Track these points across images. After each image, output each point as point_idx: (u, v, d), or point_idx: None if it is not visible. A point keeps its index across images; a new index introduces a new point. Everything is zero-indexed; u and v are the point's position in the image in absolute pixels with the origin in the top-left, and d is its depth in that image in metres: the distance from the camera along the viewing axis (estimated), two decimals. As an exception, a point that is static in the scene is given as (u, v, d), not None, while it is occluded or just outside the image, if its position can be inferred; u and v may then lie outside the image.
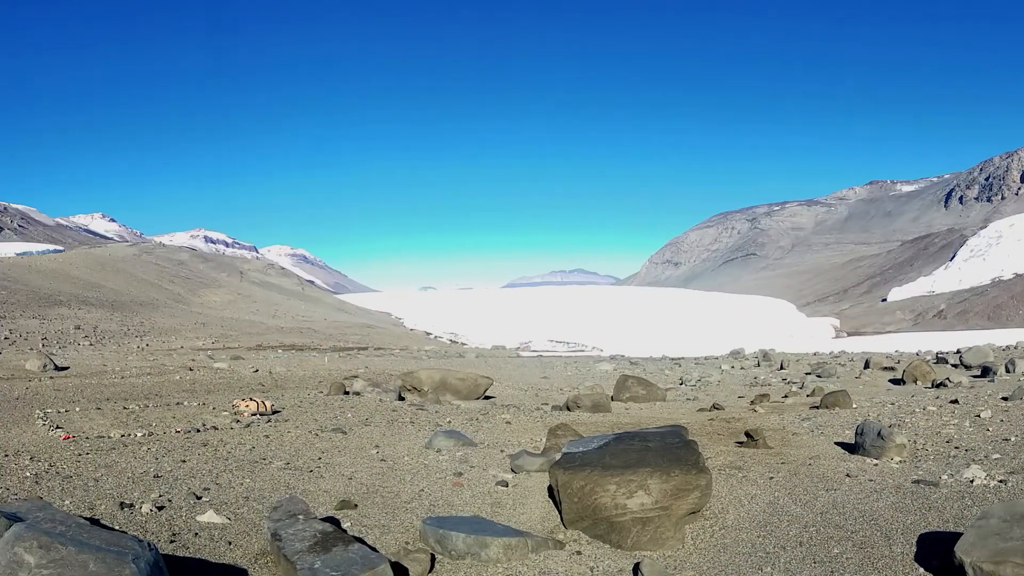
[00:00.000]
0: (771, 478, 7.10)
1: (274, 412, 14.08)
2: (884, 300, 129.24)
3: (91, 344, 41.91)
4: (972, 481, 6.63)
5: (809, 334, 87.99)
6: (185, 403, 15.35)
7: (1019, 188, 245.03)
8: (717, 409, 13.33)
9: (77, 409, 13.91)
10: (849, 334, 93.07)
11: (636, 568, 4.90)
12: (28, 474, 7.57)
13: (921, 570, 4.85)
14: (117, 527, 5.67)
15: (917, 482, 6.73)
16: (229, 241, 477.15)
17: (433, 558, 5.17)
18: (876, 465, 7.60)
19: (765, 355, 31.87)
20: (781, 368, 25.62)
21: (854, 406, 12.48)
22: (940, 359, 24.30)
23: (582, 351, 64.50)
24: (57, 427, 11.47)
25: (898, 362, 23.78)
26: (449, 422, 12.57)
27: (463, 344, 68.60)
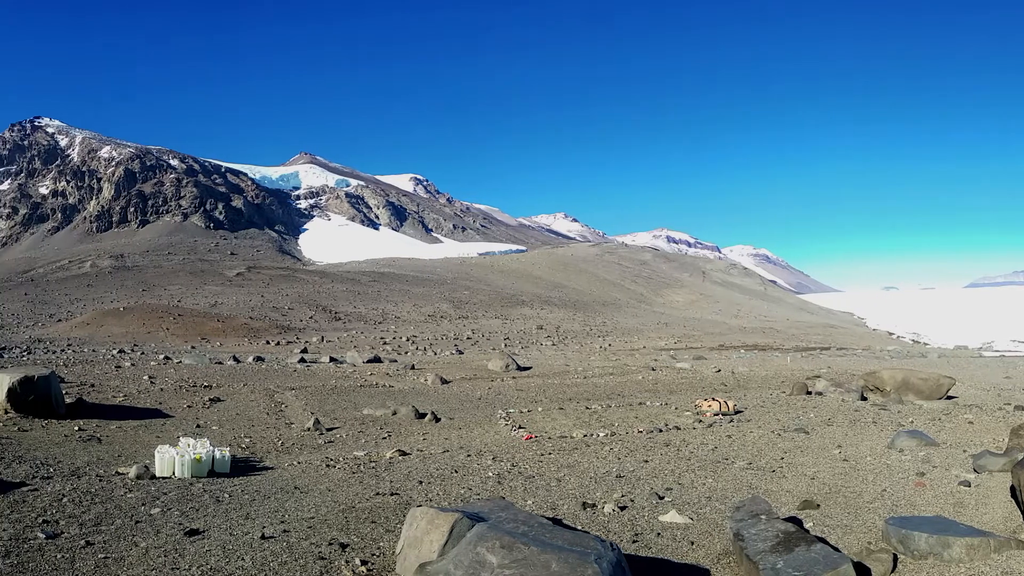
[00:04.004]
0: None
1: (736, 412, 14.51)
2: None
3: (553, 344, 46.43)
4: None
5: None
6: (647, 403, 16.36)
7: None
8: None
9: (539, 409, 15.59)
10: None
11: (1098, 566, 5.08)
12: (491, 474, 8.67)
13: None
14: (579, 527, 6.26)
15: None
16: (691, 241, 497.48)
17: (895, 558, 5.53)
18: None
19: None
20: None
21: None
22: None
23: (1046, 351, 62.73)
24: (519, 427, 12.98)
25: None
26: (911, 422, 12.81)
27: (925, 344, 71.45)
